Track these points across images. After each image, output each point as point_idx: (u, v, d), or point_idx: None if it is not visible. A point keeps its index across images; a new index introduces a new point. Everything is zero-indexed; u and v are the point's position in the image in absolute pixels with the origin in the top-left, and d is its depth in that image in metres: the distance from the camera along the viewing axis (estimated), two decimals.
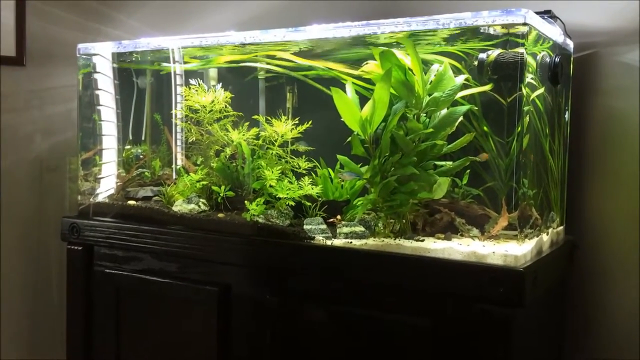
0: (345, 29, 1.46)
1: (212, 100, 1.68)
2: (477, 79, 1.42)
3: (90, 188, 1.89)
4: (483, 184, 1.46)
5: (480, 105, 1.46)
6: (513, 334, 1.20)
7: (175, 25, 2.17)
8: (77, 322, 1.75)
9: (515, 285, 1.19)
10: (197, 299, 1.55)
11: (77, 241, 1.74)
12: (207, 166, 1.70)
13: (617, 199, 1.60)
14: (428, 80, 1.40)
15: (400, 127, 1.39)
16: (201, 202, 1.65)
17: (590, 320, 1.64)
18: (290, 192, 1.53)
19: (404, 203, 1.41)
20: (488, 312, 1.20)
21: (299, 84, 1.78)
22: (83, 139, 1.90)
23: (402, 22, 1.40)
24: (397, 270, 1.30)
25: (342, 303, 1.37)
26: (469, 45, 1.44)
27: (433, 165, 1.41)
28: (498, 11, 1.29)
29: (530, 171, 1.40)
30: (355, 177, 1.47)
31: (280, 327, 1.43)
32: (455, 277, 1.24)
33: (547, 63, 1.45)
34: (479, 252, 1.26)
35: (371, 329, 1.33)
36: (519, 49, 1.29)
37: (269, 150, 1.63)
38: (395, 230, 1.43)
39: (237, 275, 1.49)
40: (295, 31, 1.53)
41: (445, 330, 1.25)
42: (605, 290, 1.62)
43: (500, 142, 1.42)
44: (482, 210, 1.45)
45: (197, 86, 1.70)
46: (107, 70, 1.88)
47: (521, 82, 1.29)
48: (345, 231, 1.42)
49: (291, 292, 1.43)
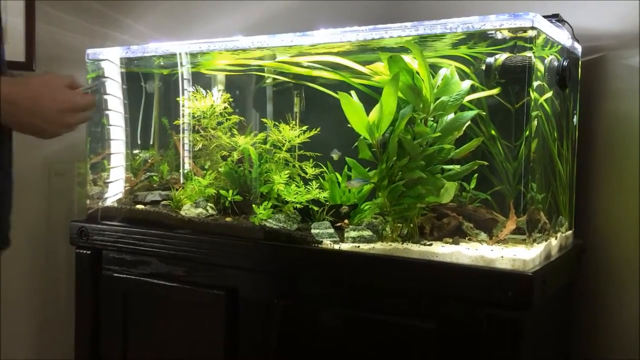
0: (353, 33, 1.46)
1: (211, 104, 1.69)
2: (484, 83, 1.42)
3: (99, 192, 1.89)
4: (491, 188, 1.46)
5: (487, 110, 1.46)
6: (521, 338, 1.19)
7: (183, 29, 2.18)
8: (85, 326, 1.76)
9: (523, 289, 1.18)
10: (204, 302, 1.55)
11: (86, 245, 1.74)
12: (214, 170, 1.70)
13: (625, 203, 1.59)
14: (435, 84, 1.40)
15: (408, 131, 1.39)
16: (209, 206, 1.65)
17: (598, 324, 1.63)
18: (298, 197, 1.53)
19: (411, 207, 1.41)
20: (496, 317, 1.20)
21: (306, 88, 1.78)
22: (91, 143, 1.91)
23: (409, 27, 1.40)
24: (404, 275, 1.30)
25: (349, 307, 1.37)
26: (476, 50, 1.44)
27: (440, 170, 1.41)
28: (506, 15, 1.29)
29: (539, 175, 1.39)
30: (363, 183, 1.47)
31: (287, 331, 1.43)
32: (463, 281, 1.23)
33: (555, 67, 1.44)
34: (487, 257, 1.26)
35: (379, 333, 1.33)
36: (527, 53, 1.29)
37: (276, 154, 1.63)
38: (403, 234, 1.43)
39: (245, 279, 1.50)
40: (302, 36, 1.53)
41: (453, 335, 1.25)
42: (613, 293, 1.61)
43: (508, 146, 1.41)
44: (490, 214, 1.45)
45: (195, 92, 1.71)
46: (115, 75, 1.89)
47: (529, 86, 1.29)
48: (353, 235, 1.42)
49: (298, 296, 1.43)
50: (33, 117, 0.96)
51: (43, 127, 0.99)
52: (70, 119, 1.01)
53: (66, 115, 0.99)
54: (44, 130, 0.99)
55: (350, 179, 1.53)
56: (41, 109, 0.96)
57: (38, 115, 0.96)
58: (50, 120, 0.98)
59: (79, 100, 1.01)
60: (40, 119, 0.97)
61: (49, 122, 0.98)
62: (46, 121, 0.98)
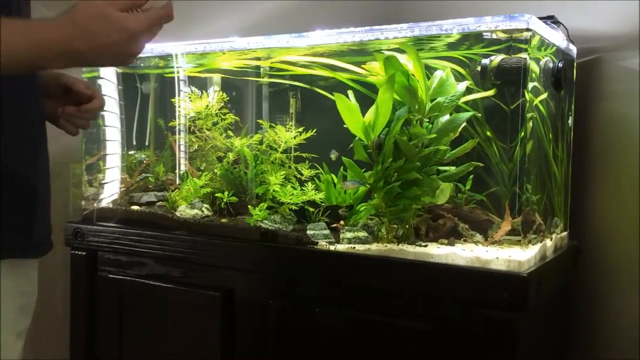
0: (349, 34, 1.46)
1: (206, 105, 1.69)
2: (480, 84, 1.43)
3: (94, 193, 1.89)
4: (486, 189, 1.46)
5: (483, 111, 1.47)
6: (517, 339, 1.19)
7: (181, 30, 2.18)
8: (81, 327, 1.75)
9: (519, 290, 1.18)
10: (200, 303, 1.55)
11: (81, 246, 1.74)
12: (210, 171, 1.70)
13: (620, 204, 1.60)
14: (431, 85, 1.41)
15: (404, 133, 1.40)
16: (204, 207, 1.65)
17: (593, 325, 1.63)
18: (294, 198, 1.53)
19: (407, 208, 1.41)
20: (492, 318, 1.20)
21: (303, 89, 1.78)
22: (87, 144, 1.91)
23: (405, 28, 1.40)
24: (400, 276, 1.30)
25: (345, 308, 1.37)
26: (472, 51, 1.44)
27: (436, 171, 1.41)
28: (501, 17, 1.29)
29: (534, 176, 1.39)
30: (358, 184, 1.47)
31: (283, 332, 1.43)
32: (458, 282, 1.23)
33: (550, 68, 1.45)
34: (482, 258, 1.26)
35: (375, 334, 1.33)
36: (522, 55, 1.29)
37: (271, 155, 1.63)
38: (399, 235, 1.43)
39: (241, 280, 1.50)
40: (298, 37, 1.53)
41: (449, 336, 1.25)
42: (609, 294, 1.62)
43: (503, 147, 1.42)
44: (486, 215, 1.45)
45: (190, 93, 1.71)
46: (111, 76, 1.88)
47: (524, 88, 1.29)
48: (349, 236, 1.42)
49: (294, 297, 1.43)
50: (97, 57, 0.89)
51: (111, 62, 0.93)
52: (135, 48, 0.91)
53: (128, 45, 0.89)
54: (113, 64, 0.93)
55: (345, 180, 1.53)
56: (101, 49, 0.87)
57: (99, 56, 0.89)
58: (113, 58, 0.91)
59: (134, 26, 0.89)
60: (104, 58, 0.90)
61: (113, 59, 0.91)
62: (110, 59, 0.91)
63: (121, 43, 0.88)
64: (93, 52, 0.87)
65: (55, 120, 1.13)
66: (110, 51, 0.88)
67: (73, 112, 1.06)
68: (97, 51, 0.87)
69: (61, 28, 0.86)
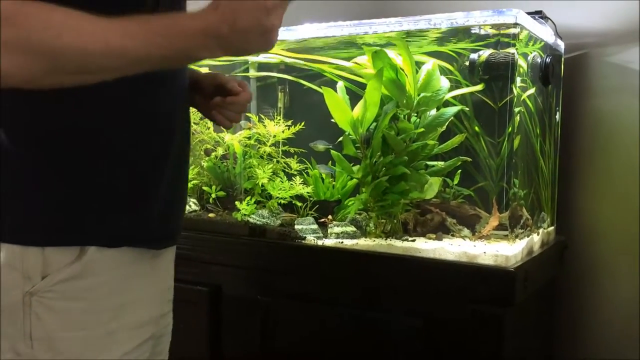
0: (337, 28, 1.46)
1: None
2: (468, 79, 1.43)
3: None
4: (474, 184, 1.47)
5: (471, 106, 1.47)
6: (504, 333, 1.20)
7: None
8: None
9: (506, 285, 1.19)
10: (187, 299, 1.54)
11: None
12: (197, 165, 1.69)
13: (607, 200, 1.61)
14: (418, 79, 1.40)
15: (392, 127, 1.39)
16: (192, 201, 1.64)
17: (579, 320, 1.65)
18: (282, 192, 1.53)
19: (395, 203, 1.41)
20: (479, 312, 1.20)
21: (291, 82, 1.77)
22: None
23: (394, 22, 1.40)
24: (388, 271, 1.30)
25: (333, 303, 1.37)
26: (460, 46, 1.44)
27: (424, 166, 1.41)
28: (489, 11, 1.29)
29: (521, 171, 1.40)
30: (329, 171, 1.49)
31: (270, 327, 1.43)
32: (446, 277, 1.24)
33: (538, 63, 1.45)
34: (470, 252, 1.26)
35: (362, 329, 1.33)
36: (510, 50, 1.30)
37: (260, 149, 1.62)
38: (387, 230, 1.43)
39: (228, 276, 1.49)
40: (286, 30, 1.52)
41: (437, 330, 1.25)
42: (595, 290, 1.63)
43: (491, 142, 1.42)
44: (473, 210, 1.45)
45: None
46: None
47: (512, 83, 1.29)
48: (337, 231, 1.42)
49: (282, 292, 1.42)
50: (241, 42, 0.87)
51: (257, 48, 0.91)
52: (275, 21, 0.89)
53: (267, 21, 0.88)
54: (257, 49, 0.92)
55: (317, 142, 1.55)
56: (244, 34, 0.86)
57: (244, 41, 0.87)
58: (256, 39, 0.89)
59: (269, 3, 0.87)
60: (249, 43, 0.88)
61: (257, 41, 0.89)
62: (254, 41, 0.89)
63: (262, 19, 0.87)
64: (237, 35, 0.86)
65: (209, 114, 1.14)
66: (257, 31, 0.87)
67: (218, 102, 1.08)
68: (242, 34, 0.86)
69: (208, 14, 0.85)
